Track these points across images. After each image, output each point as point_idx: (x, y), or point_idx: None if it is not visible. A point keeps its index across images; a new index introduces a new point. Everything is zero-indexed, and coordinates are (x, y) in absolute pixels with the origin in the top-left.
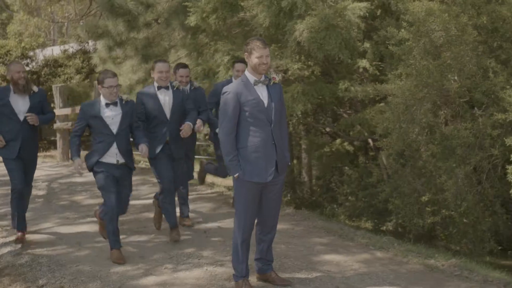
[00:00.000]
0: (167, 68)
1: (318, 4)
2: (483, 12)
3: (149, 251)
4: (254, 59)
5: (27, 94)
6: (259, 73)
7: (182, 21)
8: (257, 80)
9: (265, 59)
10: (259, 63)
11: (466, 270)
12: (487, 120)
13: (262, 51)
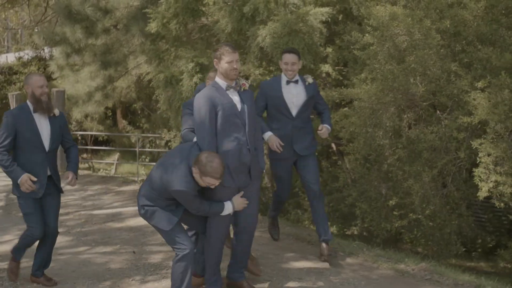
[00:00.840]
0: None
1: (280, 10)
2: (446, 16)
3: (115, 263)
4: (224, 65)
5: (47, 114)
6: (230, 79)
7: (142, 27)
8: (229, 85)
9: (235, 63)
10: (230, 68)
11: (437, 274)
12: (452, 123)
13: (232, 56)
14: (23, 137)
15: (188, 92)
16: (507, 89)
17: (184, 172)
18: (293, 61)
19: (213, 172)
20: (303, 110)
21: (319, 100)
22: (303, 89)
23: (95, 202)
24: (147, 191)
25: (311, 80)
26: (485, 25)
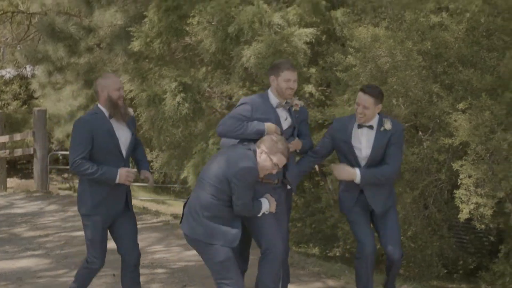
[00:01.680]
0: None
1: (265, 30)
2: (427, 38)
3: (95, 286)
4: (281, 82)
5: (125, 120)
6: (284, 98)
7: (125, 46)
8: (280, 103)
9: (293, 83)
10: (287, 87)
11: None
12: (433, 144)
13: (291, 75)
14: (100, 146)
15: (170, 112)
16: (488, 110)
17: (249, 154)
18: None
19: (284, 149)
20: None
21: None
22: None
23: (75, 224)
24: (207, 197)
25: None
26: (466, 47)
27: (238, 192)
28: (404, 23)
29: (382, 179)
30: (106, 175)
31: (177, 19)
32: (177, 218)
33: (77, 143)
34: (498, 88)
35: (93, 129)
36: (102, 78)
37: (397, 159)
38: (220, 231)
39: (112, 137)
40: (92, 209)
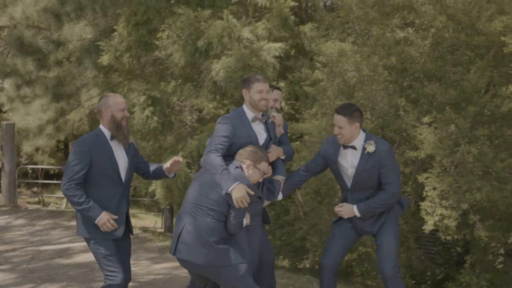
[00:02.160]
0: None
1: (234, 44)
2: (393, 53)
3: None
4: (254, 95)
5: (125, 143)
6: (258, 110)
7: (95, 60)
8: (256, 117)
9: (266, 94)
10: (260, 98)
11: None
12: (399, 157)
13: (263, 86)
14: (98, 169)
15: (139, 125)
16: (453, 124)
17: (242, 174)
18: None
19: (264, 154)
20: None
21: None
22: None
23: (43, 238)
24: (211, 222)
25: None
26: (431, 61)
27: (237, 213)
28: (371, 38)
29: (380, 207)
30: (89, 212)
31: (146, 33)
32: (146, 231)
33: (73, 164)
34: (462, 102)
35: (93, 151)
36: (106, 97)
37: (393, 182)
38: (232, 250)
39: (111, 161)
40: (97, 231)
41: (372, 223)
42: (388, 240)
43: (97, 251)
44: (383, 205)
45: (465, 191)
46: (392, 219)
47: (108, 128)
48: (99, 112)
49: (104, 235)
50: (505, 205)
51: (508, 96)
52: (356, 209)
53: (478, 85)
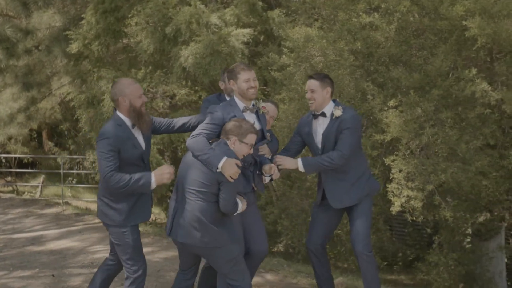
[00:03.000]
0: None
1: (203, 30)
2: (359, 37)
3: (34, 287)
4: (241, 84)
5: (148, 129)
6: (248, 99)
7: (64, 48)
8: (246, 107)
9: (253, 82)
10: (248, 87)
11: (353, 287)
12: (366, 141)
13: (248, 74)
14: (124, 159)
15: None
16: (418, 107)
17: (228, 151)
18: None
19: (250, 126)
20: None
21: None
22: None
23: (15, 226)
24: (203, 204)
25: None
26: (396, 46)
27: (227, 191)
28: (337, 23)
29: (326, 164)
30: (140, 182)
31: (115, 21)
32: None
33: (107, 157)
34: (426, 85)
35: (118, 141)
36: (121, 85)
37: (345, 144)
38: (226, 232)
39: (137, 149)
40: (127, 217)
41: (339, 199)
42: (360, 220)
43: (125, 239)
44: (329, 162)
45: (430, 173)
46: (366, 199)
47: (128, 117)
48: (116, 101)
49: (136, 221)
50: (469, 186)
51: (471, 80)
52: (301, 161)
53: (442, 69)
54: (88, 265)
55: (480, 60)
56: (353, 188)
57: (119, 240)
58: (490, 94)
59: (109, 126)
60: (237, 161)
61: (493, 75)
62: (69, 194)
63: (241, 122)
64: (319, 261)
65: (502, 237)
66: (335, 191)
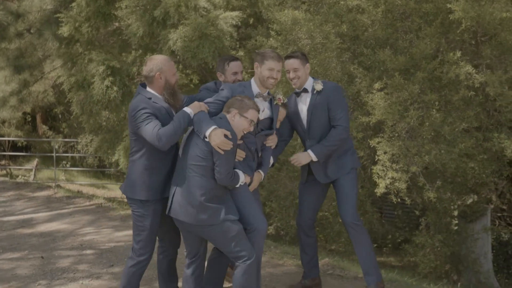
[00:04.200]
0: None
1: (191, 14)
2: (345, 20)
3: (23, 268)
4: (264, 71)
5: (178, 106)
6: (265, 87)
7: (55, 31)
8: (260, 93)
9: (276, 73)
10: (269, 75)
11: (339, 268)
12: (353, 123)
13: (275, 64)
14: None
15: (99, 95)
16: (403, 90)
17: (222, 122)
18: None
19: (252, 103)
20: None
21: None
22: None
23: (6, 209)
24: (199, 180)
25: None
26: (382, 29)
27: (221, 161)
28: (324, 6)
29: (334, 143)
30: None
31: (105, 4)
32: (110, 200)
33: (147, 122)
34: (411, 68)
35: (155, 110)
36: (157, 61)
37: (341, 117)
38: (223, 208)
39: (172, 119)
40: (154, 194)
41: (324, 174)
42: (346, 192)
43: (143, 222)
44: (336, 140)
45: (415, 154)
46: (351, 172)
47: (160, 93)
48: (150, 78)
49: (163, 194)
50: (454, 168)
51: (455, 62)
52: (311, 152)
53: (427, 52)
54: (77, 247)
55: (464, 43)
56: (339, 162)
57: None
58: (474, 76)
59: (139, 99)
60: (226, 132)
61: (477, 58)
62: (63, 177)
63: (244, 97)
64: (308, 239)
65: (488, 219)
66: (321, 166)
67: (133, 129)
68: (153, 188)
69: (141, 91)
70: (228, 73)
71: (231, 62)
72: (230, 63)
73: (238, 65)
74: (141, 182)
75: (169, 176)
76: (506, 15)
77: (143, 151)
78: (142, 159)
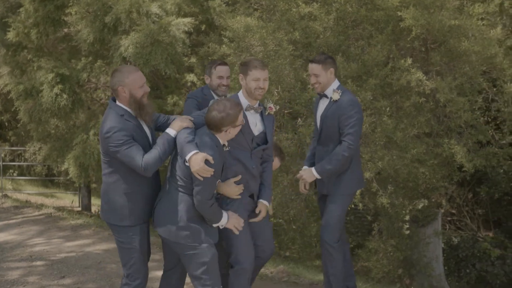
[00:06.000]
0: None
1: (143, 20)
2: (298, 28)
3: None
4: (250, 82)
5: (151, 120)
6: (254, 98)
7: (2, 36)
8: (250, 105)
9: (263, 83)
10: (256, 86)
11: (294, 275)
12: (307, 130)
13: (260, 73)
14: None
15: (48, 103)
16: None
17: (208, 142)
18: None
19: (234, 106)
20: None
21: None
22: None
23: None
24: (183, 197)
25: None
26: (334, 36)
27: (200, 187)
28: (276, 13)
29: (335, 165)
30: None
31: (54, 9)
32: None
33: (126, 147)
34: (364, 75)
35: (130, 130)
36: (121, 74)
37: (349, 134)
38: (203, 230)
39: (144, 137)
40: (138, 218)
41: (324, 185)
42: (330, 209)
43: (132, 244)
44: (337, 161)
45: (368, 161)
46: (342, 193)
47: (129, 108)
48: (115, 91)
49: (148, 216)
50: (406, 173)
51: (406, 69)
52: (314, 170)
53: (378, 59)
54: (26, 258)
55: (415, 50)
56: (337, 178)
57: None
58: (425, 83)
59: (112, 118)
60: (208, 157)
61: (427, 65)
62: (10, 186)
63: (225, 109)
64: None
65: (439, 223)
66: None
67: (106, 151)
68: (135, 213)
69: (112, 106)
70: (214, 76)
71: (218, 66)
72: (217, 67)
73: (225, 70)
74: (122, 207)
75: (152, 198)
76: (454, 22)
77: (120, 175)
78: (119, 182)
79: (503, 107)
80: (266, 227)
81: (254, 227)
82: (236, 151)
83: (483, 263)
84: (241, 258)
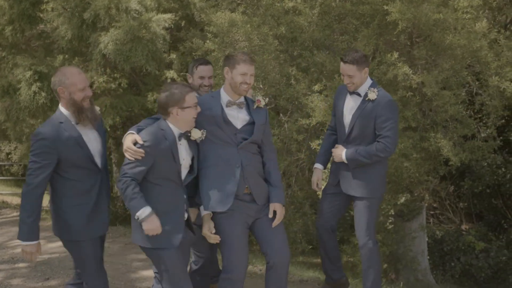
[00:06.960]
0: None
1: (122, 16)
2: (282, 22)
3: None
4: (236, 76)
5: (94, 124)
6: (238, 94)
7: None
8: (231, 101)
9: (249, 78)
10: (242, 81)
11: None
12: (292, 125)
13: (248, 68)
14: (68, 162)
15: (26, 102)
16: None
17: (150, 123)
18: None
19: (181, 86)
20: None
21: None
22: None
23: None
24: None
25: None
26: (319, 31)
27: (126, 163)
28: (260, 8)
29: (366, 157)
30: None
31: (29, 6)
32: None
33: (32, 160)
34: None
35: (58, 143)
36: (62, 75)
37: (388, 136)
38: (162, 232)
39: (83, 150)
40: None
41: (348, 185)
42: (359, 215)
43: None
44: (372, 155)
45: None
46: (373, 199)
47: (70, 111)
48: (55, 92)
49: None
50: (393, 168)
51: (392, 63)
52: (344, 153)
53: (364, 53)
54: (8, 260)
55: (401, 44)
56: (364, 179)
57: None
58: (411, 77)
59: (47, 124)
60: (137, 138)
61: (413, 59)
62: None
63: (170, 88)
64: (329, 238)
65: (423, 217)
66: (347, 179)
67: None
68: (81, 226)
69: (57, 111)
70: (196, 76)
71: (199, 65)
72: (198, 67)
73: (207, 70)
74: (67, 220)
75: (100, 206)
76: (439, 16)
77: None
78: (58, 197)
79: (488, 101)
80: (275, 234)
81: (260, 235)
82: (218, 148)
83: (468, 257)
84: (230, 266)
